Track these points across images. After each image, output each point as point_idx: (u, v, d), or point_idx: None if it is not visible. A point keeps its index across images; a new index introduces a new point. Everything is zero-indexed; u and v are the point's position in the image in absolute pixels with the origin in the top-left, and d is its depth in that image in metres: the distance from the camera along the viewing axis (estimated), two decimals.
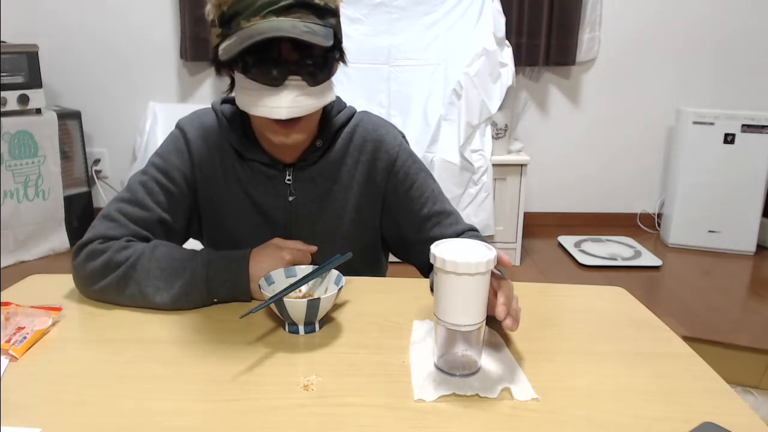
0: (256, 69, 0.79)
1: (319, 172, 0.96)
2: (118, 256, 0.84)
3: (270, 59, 0.79)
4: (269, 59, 0.79)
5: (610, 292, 0.95)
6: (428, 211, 0.98)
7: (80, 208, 2.85)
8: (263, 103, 0.80)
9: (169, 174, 0.93)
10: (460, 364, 0.68)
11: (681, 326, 2.05)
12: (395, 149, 0.98)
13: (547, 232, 3.09)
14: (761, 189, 2.81)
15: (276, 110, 0.80)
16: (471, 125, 2.54)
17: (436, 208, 0.98)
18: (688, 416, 0.60)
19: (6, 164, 2.50)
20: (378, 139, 0.98)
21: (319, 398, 0.64)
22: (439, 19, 2.72)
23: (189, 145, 0.95)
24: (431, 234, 0.97)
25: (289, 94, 0.80)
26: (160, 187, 0.92)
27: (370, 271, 1.03)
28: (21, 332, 0.75)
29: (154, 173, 0.93)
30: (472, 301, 0.65)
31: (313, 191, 0.96)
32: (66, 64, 2.97)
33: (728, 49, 2.99)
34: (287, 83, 0.80)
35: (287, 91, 0.80)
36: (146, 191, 0.92)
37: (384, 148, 0.98)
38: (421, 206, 0.98)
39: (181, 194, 0.95)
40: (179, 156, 0.95)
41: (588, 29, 2.95)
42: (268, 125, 0.85)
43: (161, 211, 0.92)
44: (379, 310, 0.85)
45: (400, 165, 0.98)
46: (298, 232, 0.96)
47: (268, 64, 0.79)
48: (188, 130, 0.96)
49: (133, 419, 0.60)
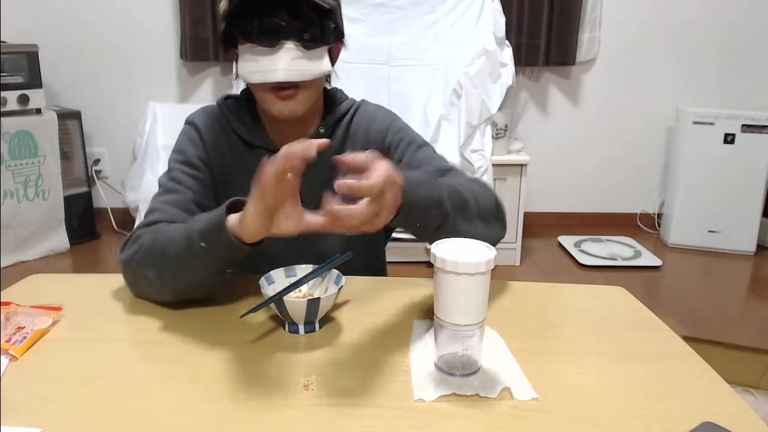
0: (255, 31, 0.85)
1: (321, 160, 0.96)
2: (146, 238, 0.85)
3: (267, 22, 0.84)
4: (267, 22, 0.84)
5: (610, 292, 0.95)
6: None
7: (80, 208, 2.85)
8: (261, 68, 0.86)
9: (190, 162, 0.96)
10: (460, 363, 0.68)
11: (681, 326, 2.05)
12: (385, 125, 1.01)
13: (547, 232, 3.09)
14: (761, 189, 2.81)
15: (273, 73, 0.85)
16: (471, 125, 2.54)
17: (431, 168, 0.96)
18: (688, 416, 0.60)
19: (6, 164, 2.50)
20: (370, 120, 1.01)
21: (319, 398, 0.63)
22: (439, 19, 2.72)
23: (201, 134, 0.98)
24: None
25: (285, 56, 0.85)
26: (186, 175, 0.95)
27: (370, 265, 1.03)
28: (21, 332, 0.75)
29: (176, 166, 0.96)
30: (472, 301, 0.65)
31: (317, 179, 0.97)
32: (66, 64, 2.97)
33: (728, 49, 3.00)
34: (283, 45, 0.85)
35: (283, 53, 0.85)
36: (175, 182, 0.94)
37: (375, 127, 1.01)
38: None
39: (206, 177, 0.97)
40: (194, 145, 0.98)
41: (588, 29, 2.95)
42: (268, 97, 0.89)
43: (193, 193, 0.94)
44: (379, 310, 0.85)
45: (390, 138, 1.00)
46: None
47: (267, 26, 0.84)
48: (198, 122, 1.00)
49: (133, 419, 0.60)
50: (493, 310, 0.86)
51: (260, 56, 0.85)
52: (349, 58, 2.69)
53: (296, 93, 0.88)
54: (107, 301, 0.88)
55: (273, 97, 0.89)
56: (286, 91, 0.88)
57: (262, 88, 0.89)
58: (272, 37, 0.84)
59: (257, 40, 0.85)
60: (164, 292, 0.83)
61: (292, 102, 0.89)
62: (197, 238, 0.76)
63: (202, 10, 2.78)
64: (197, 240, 0.75)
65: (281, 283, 0.81)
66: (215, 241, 0.74)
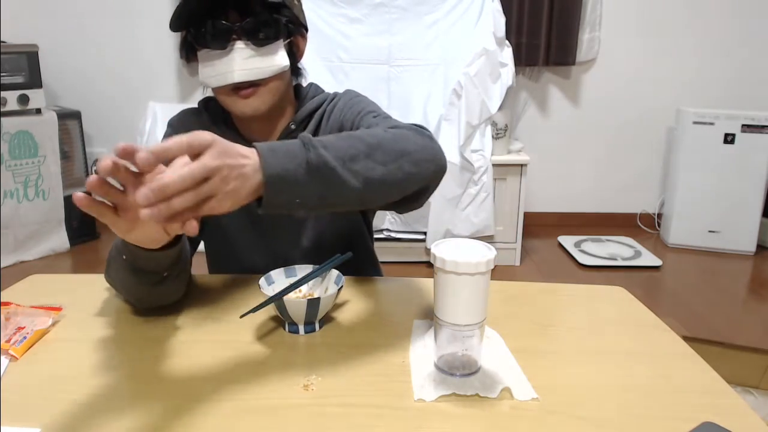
0: (207, 35, 0.85)
1: None
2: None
3: (217, 25, 0.85)
4: (216, 25, 0.85)
5: (610, 292, 0.95)
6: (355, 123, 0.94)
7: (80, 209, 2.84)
8: (217, 71, 0.87)
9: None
10: (460, 363, 0.68)
11: (681, 326, 2.05)
12: (341, 107, 0.97)
13: (547, 232, 3.09)
14: (761, 189, 2.81)
15: (228, 75, 0.86)
16: (471, 125, 2.54)
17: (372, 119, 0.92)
18: (688, 416, 0.60)
19: (6, 164, 2.50)
20: (332, 108, 0.98)
21: (319, 398, 0.63)
22: (439, 19, 2.72)
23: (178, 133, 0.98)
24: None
25: (238, 56, 0.85)
26: None
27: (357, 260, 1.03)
28: (21, 332, 0.75)
29: None
30: (472, 301, 0.65)
31: None
32: (66, 64, 2.97)
33: (728, 49, 3.00)
34: (235, 47, 0.85)
35: (236, 54, 0.85)
36: None
37: (336, 112, 0.97)
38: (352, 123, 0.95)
39: None
40: None
41: (588, 29, 2.95)
42: (229, 97, 0.90)
43: None
44: (379, 310, 0.85)
45: (346, 116, 0.96)
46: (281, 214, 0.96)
47: (216, 29, 0.85)
48: (175, 123, 1.03)
49: (133, 419, 0.60)
50: (493, 310, 0.86)
51: (215, 60, 0.86)
52: (349, 58, 2.70)
53: (256, 91, 0.88)
54: (107, 301, 0.88)
55: (234, 98, 0.89)
56: (245, 91, 0.88)
57: (222, 91, 0.89)
58: (223, 39, 0.85)
59: (210, 44, 0.86)
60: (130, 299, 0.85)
61: (252, 100, 0.88)
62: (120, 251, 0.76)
63: None
64: (120, 252, 0.76)
65: (281, 283, 0.81)
66: (129, 252, 0.73)
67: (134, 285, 0.79)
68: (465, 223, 2.58)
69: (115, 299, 0.88)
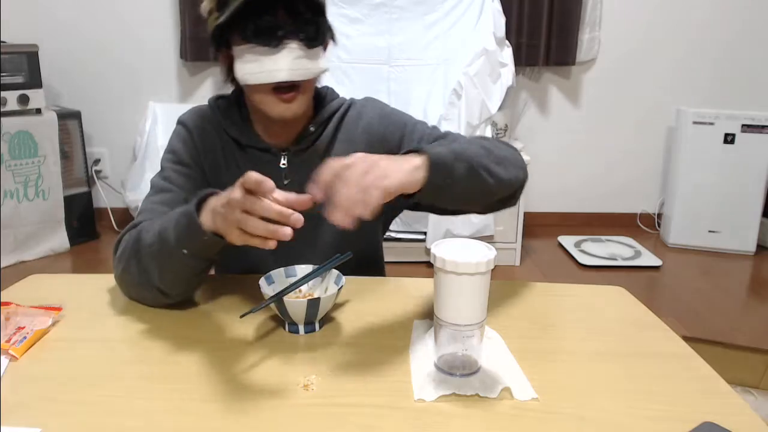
0: (255, 31, 0.84)
1: (312, 157, 0.97)
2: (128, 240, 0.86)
3: (267, 22, 0.83)
4: (267, 23, 0.83)
5: (610, 292, 0.95)
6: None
7: (80, 208, 2.85)
8: (263, 68, 0.84)
9: (182, 161, 0.96)
10: (460, 363, 0.68)
11: (681, 326, 2.05)
12: (376, 116, 1.00)
13: (547, 232, 3.09)
14: (761, 189, 2.81)
15: (276, 73, 0.84)
16: (471, 125, 2.54)
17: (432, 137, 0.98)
18: (688, 416, 0.60)
19: (6, 164, 2.50)
20: (358, 116, 1.00)
21: (319, 398, 0.63)
22: (439, 19, 2.72)
23: (192, 135, 0.98)
24: None
25: (288, 55, 0.84)
26: (178, 174, 0.95)
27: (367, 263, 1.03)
28: (21, 332, 0.75)
29: (168, 165, 0.97)
30: (472, 301, 0.65)
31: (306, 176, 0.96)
32: (66, 64, 2.97)
33: (728, 49, 3.00)
34: (285, 45, 0.84)
35: (286, 53, 0.84)
36: (167, 181, 0.95)
37: (366, 121, 0.99)
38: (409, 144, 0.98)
39: (198, 175, 0.97)
40: (185, 145, 0.98)
41: (588, 29, 2.95)
42: (268, 98, 0.88)
43: (185, 192, 0.93)
44: (379, 310, 0.85)
45: (385, 126, 0.99)
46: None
47: (266, 26, 0.83)
48: (189, 123, 0.99)
49: (133, 419, 0.60)
50: (493, 310, 0.86)
51: (261, 56, 0.84)
52: (349, 58, 2.70)
53: (296, 95, 0.88)
54: (107, 301, 0.88)
55: (274, 99, 0.88)
56: (288, 93, 0.87)
57: (262, 89, 0.87)
58: (273, 37, 0.83)
59: (257, 40, 0.84)
60: (148, 294, 0.84)
61: (293, 104, 0.88)
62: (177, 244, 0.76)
63: None
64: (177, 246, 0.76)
65: (281, 283, 0.81)
66: (197, 245, 0.75)
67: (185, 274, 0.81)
68: (465, 223, 2.58)
69: (115, 299, 0.88)
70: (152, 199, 0.93)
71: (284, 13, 0.84)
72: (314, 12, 0.86)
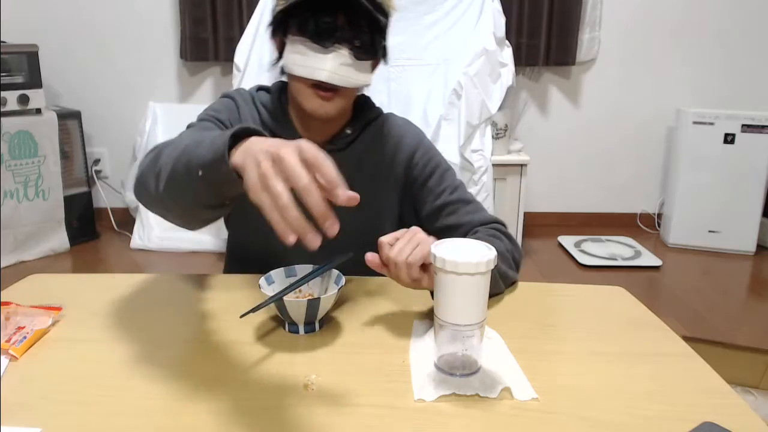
0: (313, 28, 0.86)
1: (345, 159, 0.97)
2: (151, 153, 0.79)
3: (326, 24, 0.86)
4: (324, 22, 0.86)
5: (610, 292, 0.95)
6: (444, 201, 1.01)
7: (80, 208, 2.85)
8: (309, 63, 0.87)
9: (219, 119, 0.96)
10: (460, 363, 0.68)
11: (681, 326, 2.05)
12: (415, 142, 1.04)
13: (547, 232, 3.09)
14: (761, 189, 2.81)
15: (319, 71, 0.86)
16: (471, 125, 2.54)
17: (453, 197, 1.01)
18: (688, 416, 0.60)
19: (6, 164, 2.50)
20: (400, 134, 1.04)
21: (319, 398, 0.63)
22: (439, 19, 2.71)
23: (239, 106, 1.00)
24: (447, 222, 1.00)
25: (335, 59, 0.86)
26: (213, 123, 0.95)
27: None
28: (21, 332, 0.75)
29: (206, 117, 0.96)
30: (472, 301, 0.65)
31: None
32: (66, 64, 2.97)
33: (728, 49, 3.00)
34: (335, 49, 0.86)
35: (334, 56, 0.86)
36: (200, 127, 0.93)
37: (405, 142, 1.04)
38: (438, 196, 1.02)
39: None
40: (229, 111, 0.99)
41: (588, 29, 2.95)
42: (306, 91, 0.90)
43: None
44: (379, 310, 0.85)
45: (419, 157, 1.03)
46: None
47: (324, 27, 0.86)
48: (236, 98, 1.01)
49: (133, 419, 0.60)
50: (493, 310, 0.86)
51: (311, 52, 0.87)
52: None
53: (335, 95, 0.90)
54: (107, 301, 0.88)
55: (312, 93, 0.90)
56: (327, 93, 0.89)
57: (303, 81, 0.90)
58: (327, 38, 0.86)
59: (312, 36, 0.86)
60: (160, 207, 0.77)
61: (329, 103, 0.91)
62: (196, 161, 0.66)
63: (202, 10, 2.78)
64: (196, 168, 0.66)
65: (281, 283, 0.81)
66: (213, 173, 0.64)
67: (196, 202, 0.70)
68: None
69: (115, 299, 0.88)
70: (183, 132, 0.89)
71: (344, 19, 0.87)
72: (372, 27, 0.89)
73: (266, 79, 2.51)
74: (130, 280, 0.96)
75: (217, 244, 2.71)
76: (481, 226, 1.00)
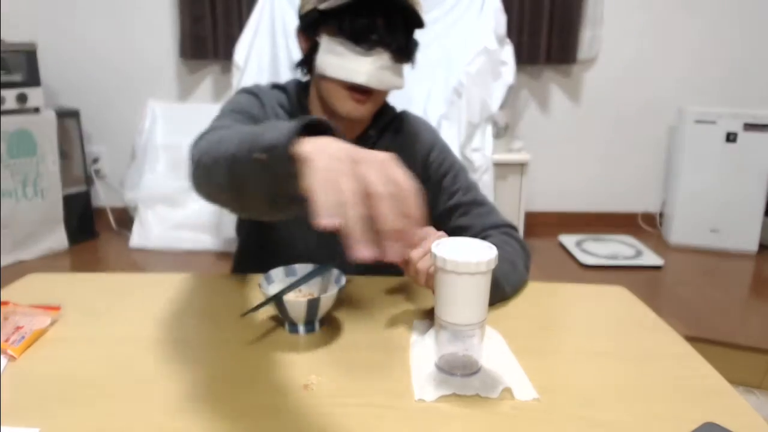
0: (353, 29, 0.84)
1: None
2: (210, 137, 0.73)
3: (366, 25, 0.84)
4: (365, 25, 0.84)
5: (611, 292, 0.95)
6: (457, 201, 1.01)
7: (79, 207, 2.84)
8: (347, 65, 0.85)
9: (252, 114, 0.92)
10: (461, 363, 0.68)
11: (683, 326, 2.05)
12: (431, 141, 1.04)
13: (548, 231, 3.08)
14: (763, 188, 2.80)
15: (357, 74, 0.85)
16: (471, 124, 2.54)
17: (467, 198, 1.01)
18: (689, 416, 0.60)
19: (4, 163, 2.49)
20: (414, 132, 1.04)
21: (319, 398, 0.63)
22: (440, 18, 2.71)
23: (262, 102, 0.96)
24: (458, 222, 1.00)
25: (374, 62, 0.85)
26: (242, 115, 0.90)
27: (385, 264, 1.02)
28: (19, 332, 0.75)
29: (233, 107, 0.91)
30: (473, 301, 0.65)
31: None
32: (65, 63, 2.96)
33: (731, 48, 2.99)
34: (374, 51, 0.85)
35: (373, 59, 0.85)
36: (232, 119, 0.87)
37: (420, 140, 1.03)
38: (451, 196, 1.01)
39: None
40: (253, 103, 0.95)
41: (589, 27, 2.94)
42: (341, 94, 0.88)
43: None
44: (379, 310, 0.85)
45: (435, 156, 1.03)
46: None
47: (365, 28, 0.84)
48: (258, 92, 0.97)
49: (133, 419, 0.59)
50: (493, 310, 0.85)
51: (348, 53, 0.85)
52: None
53: (369, 98, 0.89)
54: (106, 301, 0.87)
55: (347, 96, 0.88)
56: (361, 96, 0.88)
57: (338, 84, 0.88)
58: (367, 40, 0.84)
59: (352, 37, 0.84)
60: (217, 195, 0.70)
61: (363, 106, 0.90)
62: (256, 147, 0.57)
63: (201, 8, 2.78)
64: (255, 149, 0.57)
65: (281, 283, 0.81)
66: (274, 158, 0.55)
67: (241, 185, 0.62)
68: None
69: (115, 299, 0.88)
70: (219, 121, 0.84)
71: (383, 20, 0.85)
72: (411, 28, 0.88)
73: (266, 77, 2.51)
74: (129, 280, 0.96)
75: (216, 243, 2.70)
76: (493, 229, 0.99)
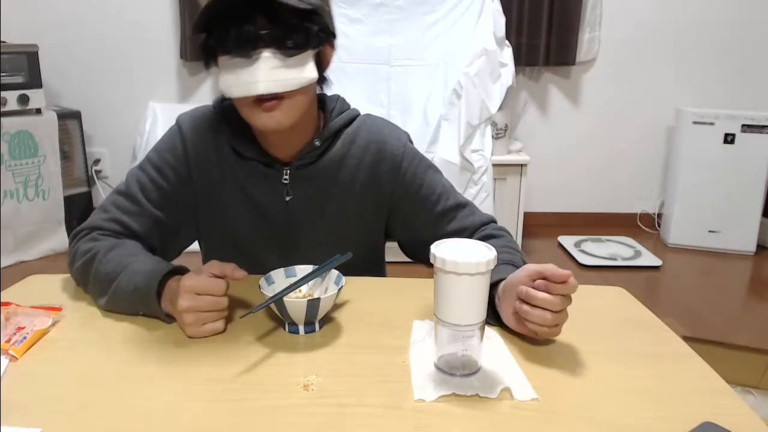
0: (231, 41, 0.79)
1: (317, 173, 0.95)
2: (83, 246, 0.89)
3: (243, 31, 0.78)
4: (243, 31, 0.78)
5: (610, 292, 0.95)
6: (443, 207, 0.98)
7: (80, 208, 2.84)
8: (241, 81, 0.80)
9: (162, 171, 0.94)
10: (460, 364, 0.68)
11: (681, 326, 2.05)
12: (400, 150, 0.96)
13: (547, 232, 3.09)
14: (761, 189, 2.81)
15: (252, 85, 0.79)
16: (471, 125, 2.54)
17: (450, 203, 0.98)
18: (687, 416, 0.60)
19: (6, 164, 2.50)
20: (381, 140, 0.96)
21: (319, 398, 0.63)
22: (439, 19, 2.72)
23: (185, 142, 0.94)
24: (449, 229, 0.98)
25: (264, 66, 0.78)
26: (153, 184, 0.93)
27: (369, 272, 1.03)
28: (21, 332, 0.75)
29: (148, 169, 0.94)
30: (472, 301, 0.65)
31: (310, 191, 0.95)
32: (66, 64, 2.97)
33: (728, 49, 2.99)
34: (262, 55, 0.78)
35: (261, 64, 0.78)
36: (140, 187, 0.93)
37: (388, 149, 0.96)
38: (434, 204, 0.97)
39: (175, 192, 0.94)
40: (174, 153, 0.94)
41: (588, 29, 2.94)
42: (250, 108, 0.84)
43: (153, 208, 0.93)
44: (379, 310, 0.85)
45: (406, 166, 0.96)
46: (296, 231, 0.96)
47: (242, 35, 0.78)
48: (185, 126, 0.95)
49: (133, 419, 0.60)
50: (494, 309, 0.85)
51: (239, 68, 0.79)
52: (349, 58, 2.69)
53: (280, 103, 0.82)
54: None
55: (257, 110, 0.83)
56: (269, 103, 0.82)
57: (244, 102, 0.83)
58: (248, 47, 0.78)
59: (234, 51, 0.79)
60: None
61: (276, 113, 0.83)
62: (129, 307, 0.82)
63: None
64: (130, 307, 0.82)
65: (281, 284, 0.81)
66: (143, 305, 0.81)
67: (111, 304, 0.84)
68: None
69: None
70: (118, 202, 0.93)
71: (264, 19, 0.79)
72: (298, 16, 0.80)
73: None
74: None
75: None
76: (484, 227, 0.99)
